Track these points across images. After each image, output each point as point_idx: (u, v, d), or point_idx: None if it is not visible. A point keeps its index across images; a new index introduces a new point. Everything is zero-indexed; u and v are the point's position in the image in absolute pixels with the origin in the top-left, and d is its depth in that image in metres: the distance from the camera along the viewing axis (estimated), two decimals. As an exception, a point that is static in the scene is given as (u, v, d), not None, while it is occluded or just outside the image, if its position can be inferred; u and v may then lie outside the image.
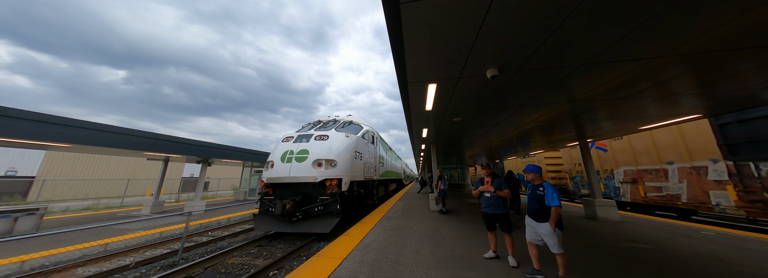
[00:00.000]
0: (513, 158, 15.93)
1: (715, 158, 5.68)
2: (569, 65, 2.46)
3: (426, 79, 2.82)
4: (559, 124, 5.14)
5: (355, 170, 6.24)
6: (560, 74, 2.67)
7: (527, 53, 2.22)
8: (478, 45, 2.08)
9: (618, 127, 5.38)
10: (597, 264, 2.85)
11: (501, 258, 2.91)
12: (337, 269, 2.62)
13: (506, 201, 2.87)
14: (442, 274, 2.51)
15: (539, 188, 2.45)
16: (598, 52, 2.20)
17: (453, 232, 4.31)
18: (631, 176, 7.73)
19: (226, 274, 3.56)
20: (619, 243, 3.79)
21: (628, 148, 7.91)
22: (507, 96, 3.42)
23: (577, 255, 3.08)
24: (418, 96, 3.41)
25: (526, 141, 7.88)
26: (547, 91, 3.21)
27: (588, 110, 4.10)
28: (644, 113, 4.25)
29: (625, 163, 8.01)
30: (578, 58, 2.32)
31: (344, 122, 7.67)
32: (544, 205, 2.35)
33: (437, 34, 1.95)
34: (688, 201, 6.14)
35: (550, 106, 3.86)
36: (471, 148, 9.60)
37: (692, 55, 2.23)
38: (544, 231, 2.31)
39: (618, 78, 2.76)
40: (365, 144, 7.40)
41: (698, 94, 3.30)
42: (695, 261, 3.03)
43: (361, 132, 7.34)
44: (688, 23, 1.80)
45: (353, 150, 6.25)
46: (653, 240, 3.96)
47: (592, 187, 6.13)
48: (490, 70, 2.50)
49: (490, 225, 2.96)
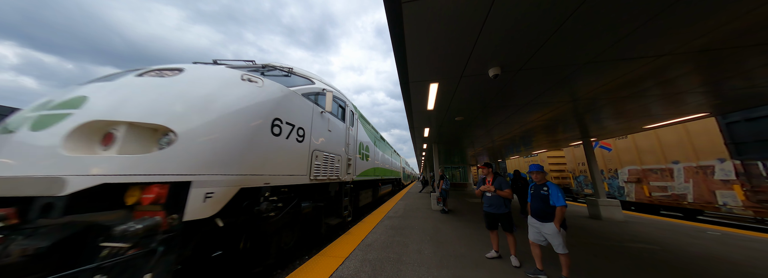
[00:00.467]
0: (515, 157, 15.85)
1: (722, 157, 5.59)
2: (573, 64, 2.43)
3: (428, 78, 2.81)
4: (563, 122, 5.10)
5: (272, 160, 2.50)
6: (563, 73, 2.65)
7: (530, 52, 2.20)
8: (480, 44, 2.07)
9: (622, 125, 5.32)
10: (601, 264, 2.82)
11: (503, 258, 2.90)
12: (339, 268, 2.63)
13: (508, 201, 2.86)
14: (445, 274, 2.50)
15: (543, 188, 2.44)
16: (602, 50, 2.18)
17: (455, 232, 4.30)
18: (635, 175, 7.65)
19: None
20: (624, 243, 3.75)
21: (632, 147, 7.82)
22: (509, 95, 3.40)
23: (580, 255, 3.06)
24: (419, 95, 3.40)
25: (528, 141, 7.83)
26: (550, 90, 3.18)
27: (592, 109, 4.05)
28: (649, 112, 4.20)
29: (629, 163, 7.92)
30: (582, 57, 2.30)
31: (283, 69, 3.42)
32: (549, 205, 2.34)
33: (439, 33, 1.94)
34: (694, 201, 6.06)
35: (553, 104, 3.83)
36: (473, 148, 9.56)
37: (699, 52, 2.20)
38: (549, 230, 2.29)
39: (623, 76, 2.72)
40: (322, 116, 3.71)
41: (705, 92, 3.25)
42: (702, 261, 2.99)
43: (308, 87, 3.48)
44: (695, 20, 1.77)
45: (268, 116, 2.47)
46: (658, 241, 3.91)
47: (596, 187, 6.07)
48: (493, 69, 2.49)
49: (491, 225, 2.95)
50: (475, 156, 12.95)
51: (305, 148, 3.14)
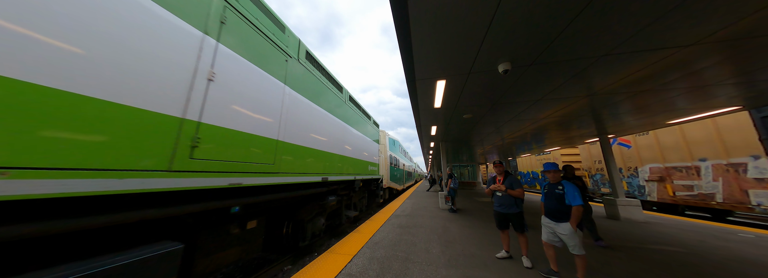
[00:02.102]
0: (526, 155, 15.41)
1: (756, 154, 5.19)
2: (588, 57, 2.31)
3: (435, 75, 2.76)
4: (577, 119, 4.89)
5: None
6: (578, 67, 2.52)
7: (542, 45, 2.11)
8: (490, 38, 2.00)
9: (643, 121, 5.04)
10: (619, 266, 2.70)
11: (514, 259, 2.83)
12: (347, 265, 2.66)
13: (520, 201, 2.77)
14: (453, 273, 2.47)
15: (558, 186, 2.35)
16: (621, 42, 2.05)
17: (464, 231, 4.24)
18: (657, 174, 7.24)
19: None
20: (644, 244, 3.56)
21: (654, 144, 7.40)
22: (520, 91, 3.29)
23: (596, 257, 2.94)
24: (426, 93, 3.35)
25: (540, 138, 7.58)
26: (564, 85, 3.05)
27: (609, 104, 3.86)
28: (674, 106, 3.94)
29: (651, 160, 7.50)
30: (599, 49, 2.18)
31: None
32: (564, 204, 2.26)
33: (446, 29, 1.90)
34: (724, 201, 5.67)
35: (568, 100, 3.67)
36: (482, 146, 9.37)
37: (730, 40, 2.03)
38: (564, 231, 2.21)
39: (644, 68, 2.57)
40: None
41: (737, 84, 3.01)
42: (732, 265, 2.79)
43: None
44: (727, 4, 1.63)
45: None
46: (683, 242, 3.69)
47: (614, 186, 5.81)
48: (502, 65, 2.41)
49: (502, 225, 2.89)
50: (484, 154, 12.69)
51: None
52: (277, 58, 2.52)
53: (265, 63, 2.31)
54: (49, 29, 0.98)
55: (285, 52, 2.70)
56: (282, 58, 2.63)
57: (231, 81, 1.87)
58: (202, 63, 1.62)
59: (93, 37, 1.11)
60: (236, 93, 1.92)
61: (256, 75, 2.17)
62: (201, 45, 1.63)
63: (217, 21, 1.77)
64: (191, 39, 1.57)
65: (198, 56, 1.60)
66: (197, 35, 1.61)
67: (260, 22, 2.28)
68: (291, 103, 2.71)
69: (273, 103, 2.39)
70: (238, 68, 1.96)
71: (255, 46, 2.19)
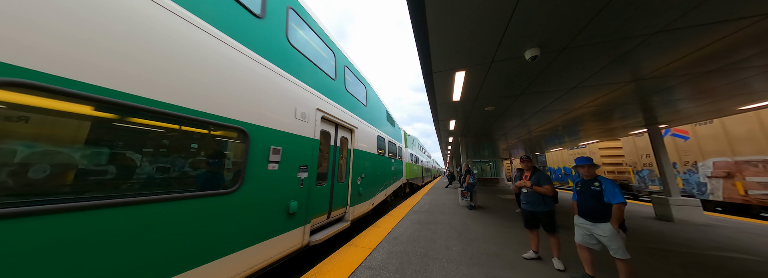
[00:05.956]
0: (557, 149, 14.20)
1: None
2: (636, 35, 2.00)
3: (453, 66, 2.62)
4: (619, 108, 4.34)
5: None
6: (622, 48, 2.21)
7: (578, 26, 1.87)
8: (516, 20, 1.82)
9: (706, 108, 4.30)
10: (670, 273, 2.38)
11: (544, 260, 2.65)
12: (367, 258, 2.72)
13: (548, 199, 2.57)
14: (476, 272, 2.39)
15: (594, 183, 2.12)
16: (679, 15, 1.73)
17: (486, 229, 4.07)
18: (724, 169, 6.20)
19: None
20: (704, 251, 3.10)
21: (720, 134, 6.33)
22: (550, 79, 2.99)
23: (641, 263, 2.63)
24: (444, 86, 3.21)
25: (574, 130, 6.90)
26: (604, 70, 2.70)
27: (662, 89, 3.35)
28: (749, 88, 3.30)
29: (715, 153, 6.44)
30: (649, 26, 1.87)
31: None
32: (602, 203, 2.03)
33: (465, 14, 1.77)
34: (817, 203, 4.68)
35: (608, 87, 3.26)
36: (506, 140, 8.83)
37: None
38: (604, 232, 2.00)
39: (708, 46, 2.16)
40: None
41: None
42: (827, 280, 2.30)
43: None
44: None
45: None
46: (757, 250, 3.14)
47: (666, 183, 5.10)
48: (530, 51, 2.20)
49: (529, 224, 2.71)
50: (508, 149, 11.96)
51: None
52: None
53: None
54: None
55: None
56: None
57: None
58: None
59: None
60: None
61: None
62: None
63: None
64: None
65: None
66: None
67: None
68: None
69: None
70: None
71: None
